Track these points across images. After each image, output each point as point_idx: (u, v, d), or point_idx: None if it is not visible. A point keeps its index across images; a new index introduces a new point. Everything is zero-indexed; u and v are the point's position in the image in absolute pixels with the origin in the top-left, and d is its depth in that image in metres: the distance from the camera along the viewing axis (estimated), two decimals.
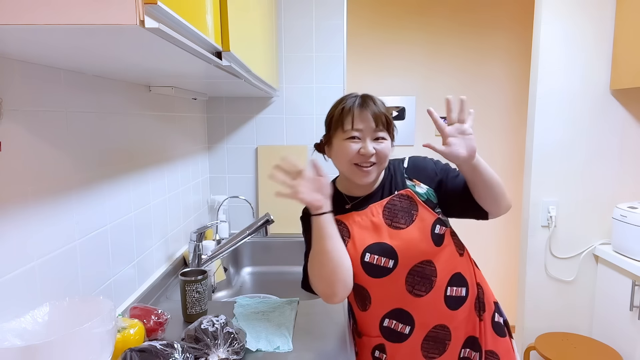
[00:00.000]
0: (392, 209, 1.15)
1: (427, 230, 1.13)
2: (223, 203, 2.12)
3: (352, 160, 1.12)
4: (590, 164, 2.24)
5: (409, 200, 1.16)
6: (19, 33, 0.60)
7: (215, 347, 1.00)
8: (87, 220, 1.12)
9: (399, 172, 1.22)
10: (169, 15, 0.63)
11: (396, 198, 1.16)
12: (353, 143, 1.11)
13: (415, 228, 1.13)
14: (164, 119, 1.65)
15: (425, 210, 1.14)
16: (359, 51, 3.10)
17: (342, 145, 1.13)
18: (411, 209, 1.15)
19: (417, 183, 1.18)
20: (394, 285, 1.14)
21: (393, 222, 1.14)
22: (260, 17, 1.57)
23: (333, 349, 1.12)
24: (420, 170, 1.21)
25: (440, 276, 1.16)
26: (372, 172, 1.13)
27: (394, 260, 1.13)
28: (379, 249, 1.13)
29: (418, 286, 1.14)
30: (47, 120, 0.95)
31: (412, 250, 1.13)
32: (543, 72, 2.20)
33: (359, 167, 1.12)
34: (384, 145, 1.13)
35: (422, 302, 1.15)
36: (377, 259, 1.13)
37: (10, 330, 0.78)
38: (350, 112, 1.12)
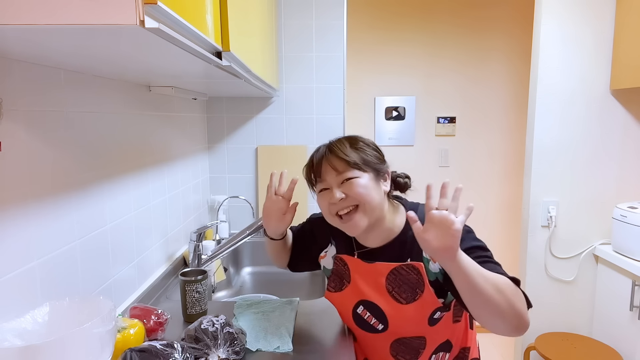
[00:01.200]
0: (398, 278, 1.07)
1: (425, 314, 1.05)
2: (223, 203, 2.12)
3: (330, 212, 1.07)
4: (590, 164, 2.24)
5: (417, 275, 1.05)
6: (19, 33, 0.60)
7: (215, 347, 1.00)
8: (87, 220, 1.12)
9: None
10: (169, 15, 0.63)
11: (405, 268, 1.06)
12: (325, 194, 1.07)
13: (414, 308, 1.05)
14: (164, 119, 1.65)
15: (430, 294, 1.04)
16: (359, 51, 3.10)
17: (319, 200, 1.10)
18: (417, 287, 1.05)
19: (433, 260, 1.04)
20: (379, 343, 1.15)
21: (394, 291, 1.07)
22: (260, 17, 1.57)
23: (333, 349, 1.12)
24: None
25: (428, 348, 1.13)
26: (357, 219, 1.03)
27: (384, 326, 1.10)
28: (372, 309, 1.10)
29: (402, 354, 1.14)
30: (47, 120, 0.95)
31: (405, 326, 1.09)
32: (543, 72, 2.20)
33: (340, 217, 1.05)
34: (354, 185, 1.02)
35: None
36: (368, 316, 1.11)
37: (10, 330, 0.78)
38: (313, 167, 1.09)
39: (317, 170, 1.08)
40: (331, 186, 1.05)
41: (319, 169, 1.07)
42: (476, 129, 3.17)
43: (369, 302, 1.10)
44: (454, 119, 3.15)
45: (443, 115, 3.15)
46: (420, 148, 3.19)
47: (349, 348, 1.13)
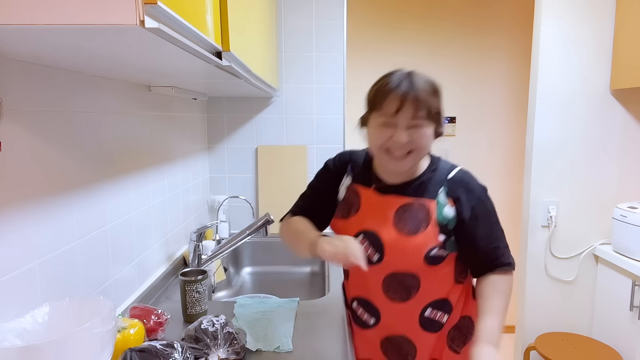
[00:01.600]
0: (406, 212, 1.09)
1: (422, 249, 1.07)
2: (223, 203, 2.12)
3: (382, 146, 1.05)
4: (590, 164, 2.24)
5: (425, 213, 1.08)
6: (19, 33, 0.60)
7: (215, 347, 1.00)
8: (87, 220, 1.12)
9: (439, 180, 1.11)
10: (169, 15, 0.63)
11: (416, 205, 1.09)
12: (385, 129, 1.03)
13: (413, 240, 1.07)
14: (164, 119, 1.65)
15: (433, 230, 1.07)
16: (359, 50, 3.10)
17: (375, 129, 1.05)
18: (421, 222, 1.08)
19: (451, 203, 1.09)
20: (372, 278, 1.14)
21: (399, 223, 1.09)
22: (260, 17, 1.57)
23: (333, 349, 1.12)
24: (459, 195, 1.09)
25: (422, 293, 1.12)
26: (407, 162, 1.05)
27: (379, 256, 1.10)
28: (372, 239, 1.11)
29: (393, 290, 1.13)
30: (47, 120, 0.95)
31: (399, 258, 1.09)
32: (543, 72, 2.20)
33: (390, 154, 1.04)
34: (420, 133, 1.02)
35: (394, 307, 1.14)
36: (365, 245, 1.11)
37: (10, 330, 0.78)
38: (386, 94, 1.02)
39: (391, 100, 1.01)
40: (398, 126, 1.01)
41: (394, 100, 1.00)
42: (476, 128, 3.17)
43: (370, 232, 1.11)
44: (454, 119, 3.15)
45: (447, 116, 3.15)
46: None
47: (348, 348, 1.13)
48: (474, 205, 1.09)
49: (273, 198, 2.21)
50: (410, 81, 1.02)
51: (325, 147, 2.21)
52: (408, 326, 1.16)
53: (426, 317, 1.15)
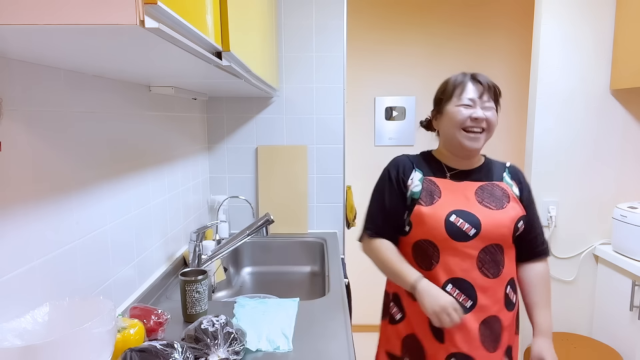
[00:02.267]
0: (485, 192, 1.25)
1: (512, 219, 1.22)
2: (223, 203, 2.12)
3: (463, 123, 1.22)
4: (590, 164, 2.24)
5: (502, 191, 1.26)
6: (19, 33, 0.60)
7: (215, 347, 1.00)
8: (87, 220, 1.12)
9: (499, 167, 1.33)
10: (169, 15, 0.63)
11: (490, 186, 1.27)
12: (465, 109, 1.23)
13: (503, 213, 1.22)
14: (164, 119, 1.65)
15: (516, 203, 1.25)
16: (359, 51, 3.10)
17: (454, 111, 1.24)
18: (503, 198, 1.25)
19: (515, 184, 1.30)
20: (467, 254, 1.21)
21: (484, 201, 1.24)
22: (260, 17, 1.57)
23: (333, 349, 1.12)
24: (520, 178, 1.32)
25: (505, 270, 1.24)
26: (481, 139, 1.23)
27: (476, 230, 1.20)
28: (465, 216, 1.21)
29: (487, 266, 1.22)
30: (47, 120, 0.95)
31: (495, 229, 1.21)
32: (543, 72, 2.20)
33: (469, 132, 1.22)
34: (491, 113, 1.23)
35: (488, 284, 1.22)
36: (461, 222, 1.21)
37: (10, 330, 0.78)
38: (463, 83, 1.24)
39: (469, 87, 1.23)
40: (476, 105, 1.23)
41: (472, 87, 1.23)
42: None
43: (462, 210, 1.22)
44: None
45: None
46: (420, 148, 3.15)
47: (349, 348, 1.13)
48: (529, 190, 1.31)
49: (273, 198, 2.21)
50: (481, 75, 1.27)
51: (325, 147, 2.21)
52: (497, 305, 1.23)
53: (507, 294, 1.26)
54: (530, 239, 1.30)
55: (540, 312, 1.25)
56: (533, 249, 1.30)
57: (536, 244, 1.30)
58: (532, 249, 1.30)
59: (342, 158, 2.22)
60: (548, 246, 1.33)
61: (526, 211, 1.27)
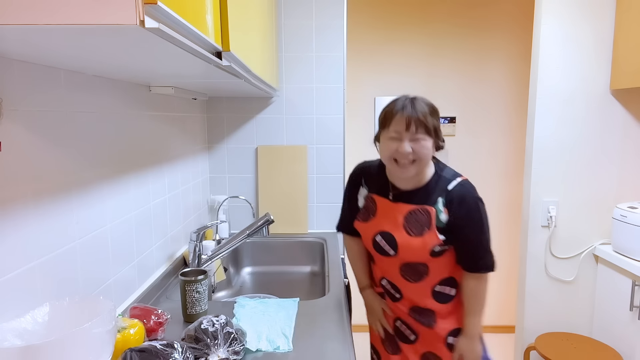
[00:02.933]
0: (412, 217, 1.34)
1: (427, 247, 1.32)
2: (223, 203, 2.12)
3: (391, 156, 1.29)
4: (590, 164, 2.24)
5: (427, 217, 1.32)
6: (19, 33, 0.60)
7: (215, 347, 1.00)
8: (87, 220, 1.12)
9: (440, 189, 1.34)
10: (169, 15, 0.63)
11: (420, 210, 1.33)
12: (392, 142, 1.28)
13: (419, 240, 1.32)
14: (164, 119, 1.65)
15: (433, 233, 1.31)
16: (359, 51, 3.10)
17: (384, 143, 1.31)
18: (425, 225, 1.32)
19: (445, 212, 1.31)
20: (391, 266, 1.41)
21: (408, 226, 1.34)
22: (260, 17, 1.57)
23: (333, 349, 1.12)
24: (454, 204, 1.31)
25: (431, 275, 1.38)
26: (410, 169, 1.28)
27: (394, 252, 1.36)
28: (387, 238, 1.37)
29: (409, 274, 1.40)
30: (47, 120, 0.95)
31: (410, 253, 1.35)
32: (543, 72, 2.20)
33: (397, 163, 1.29)
34: (420, 145, 1.26)
35: (411, 285, 1.41)
36: (383, 243, 1.38)
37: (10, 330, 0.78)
38: (393, 116, 1.27)
39: (397, 120, 1.26)
40: (403, 139, 1.26)
41: (399, 120, 1.26)
42: (476, 128, 3.17)
43: (386, 233, 1.37)
44: (454, 119, 3.15)
45: (443, 115, 3.15)
46: None
47: (349, 348, 1.13)
48: (461, 217, 1.31)
49: (273, 198, 2.21)
50: (412, 104, 1.26)
51: (325, 147, 2.21)
52: (425, 300, 1.41)
53: (437, 292, 1.40)
54: (462, 256, 1.36)
55: (466, 319, 1.39)
56: (465, 264, 1.37)
57: (467, 261, 1.36)
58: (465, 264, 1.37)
59: (342, 158, 2.22)
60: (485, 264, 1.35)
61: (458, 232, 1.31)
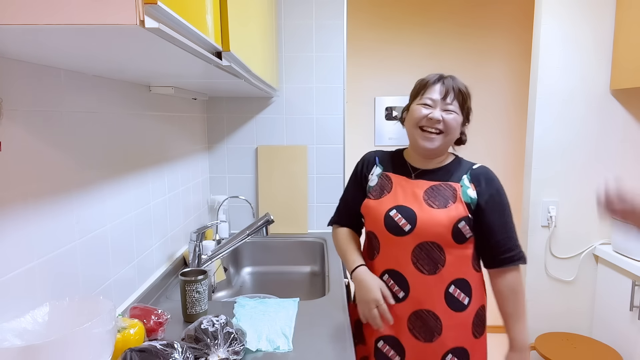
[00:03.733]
0: (434, 191, 1.25)
1: (451, 220, 1.20)
2: (223, 203, 2.12)
3: (419, 122, 1.24)
4: (590, 164, 2.24)
5: (452, 192, 1.24)
6: (19, 33, 0.60)
7: (215, 347, 1.00)
8: (87, 220, 1.12)
9: (464, 168, 1.29)
10: (169, 15, 0.63)
11: (443, 186, 1.26)
12: (424, 108, 1.24)
13: (443, 212, 1.21)
14: (164, 119, 1.65)
15: (461, 205, 1.22)
16: (359, 51, 3.10)
17: (414, 108, 1.26)
18: (449, 198, 1.23)
19: (473, 187, 1.25)
20: (403, 248, 1.24)
21: (429, 199, 1.24)
22: (260, 17, 1.57)
23: (333, 349, 1.12)
24: (481, 181, 1.25)
25: (447, 269, 1.22)
26: (436, 140, 1.23)
27: (411, 226, 1.22)
28: (404, 211, 1.24)
29: (422, 262, 1.23)
30: (47, 120, 0.95)
31: (430, 226, 1.21)
32: (543, 72, 2.20)
33: (425, 131, 1.23)
34: (452, 117, 1.23)
35: (422, 279, 1.23)
36: (398, 218, 1.24)
37: (10, 330, 0.78)
38: (429, 84, 1.26)
39: (434, 88, 1.24)
40: (436, 106, 1.23)
41: (437, 88, 1.24)
42: (476, 128, 3.17)
43: (403, 206, 1.25)
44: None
45: None
46: None
47: (349, 348, 1.13)
48: (492, 194, 1.24)
49: (273, 198, 2.21)
50: (451, 78, 1.27)
51: (325, 147, 2.21)
52: (435, 300, 1.23)
53: (450, 294, 1.23)
54: (491, 245, 1.23)
55: (513, 326, 1.24)
56: (496, 255, 1.23)
57: (499, 251, 1.23)
58: (496, 256, 1.23)
59: (342, 158, 2.22)
60: (519, 254, 1.23)
61: (485, 215, 1.22)
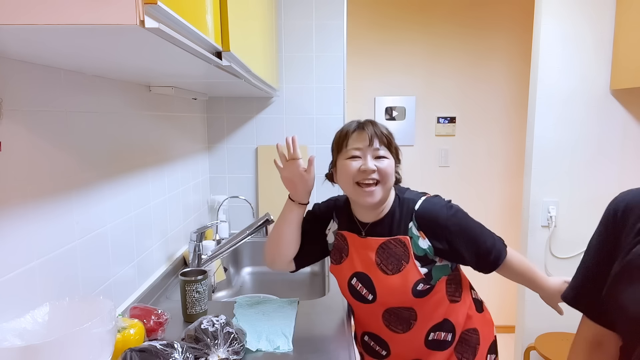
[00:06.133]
0: (386, 251, 1.16)
1: (408, 285, 1.13)
2: (223, 203, 2.12)
3: (354, 178, 1.13)
4: (590, 163, 2.24)
5: (403, 248, 1.14)
6: (19, 33, 0.60)
7: (215, 347, 1.00)
8: (87, 220, 1.12)
9: (407, 213, 1.17)
10: (169, 15, 0.63)
11: (392, 242, 1.16)
12: (354, 161, 1.14)
13: (398, 278, 1.13)
14: (164, 119, 1.65)
15: (413, 265, 1.13)
16: (359, 51, 3.10)
17: (344, 164, 1.15)
18: (402, 258, 1.14)
19: (422, 236, 1.14)
20: (373, 315, 1.22)
21: (382, 264, 1.16)
22: (260, 17, 1.57)
23: (333, 349, 1.12)
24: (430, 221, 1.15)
25: (421, 321, 1.19)
26: (376, 192, 1.13)
27: (373, 296, 1.18)
28: (363, 280, 1.19)
29: (395, 324, 1.20)
30: (47, 120, 0.95)
31: (390, 296, 1.16)
32: (543, 72, 2.20)
33: (361, 186, 1.13)
34: (385, 163, 1.13)
35: (398, 338, 1.21)
36: (359, 287, 1.20)
37: (10, 330, 0.78)
38: (349, 134, 1.16)
39: (356, 137, 1.15)
40: (365, 156, 1.13)
41: (359, 136, 1.14)
42: (476, 128, 3.17)
43: (361, 273, 1.19)
44: (454, 119, 3.15)
45: (443, 115, 3.15)
46: (420, 148, 3.19)
47: (349, 348, 1.13)
48: (447, 238, 1.14)
49: (273, 198, 2.21)
50: (371, 123, 1.17)
51: (325, 147, 2.20)
52: (417, 351, 1.22)
53: (431, 340, 1.21)
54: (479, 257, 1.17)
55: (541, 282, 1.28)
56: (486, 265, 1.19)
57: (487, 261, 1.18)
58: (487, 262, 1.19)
59: None
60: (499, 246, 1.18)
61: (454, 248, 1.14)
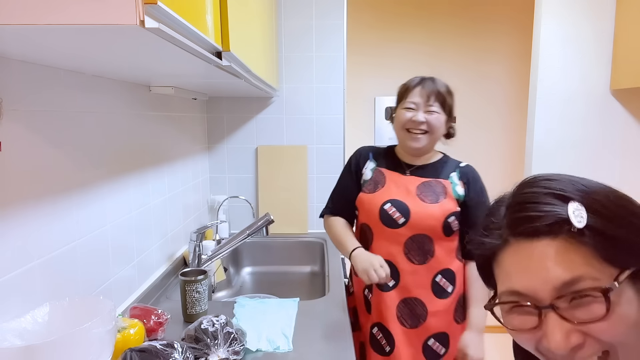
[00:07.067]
0: (426, 187, 1.36)
1: (443, 214, 1.32)
2: (223, 203, 2.12)
3: (405, 125, 1.35)
4: (591, 164, 2.24)
5: (442, 188, 1.36)
6: (19, 33, 0.60)
7: (215, 347, 1.00)
8: (87, 220, 1.12)
9: (451, 166, 1.41)
10: (169, 15, 0.63)
11: (434, 182, 1.37)
12: (407, 112, 1.35)
13: (436, 207, 1.33)
14: (164, 119, 1.65)
15: (451, 201, 1.34)
16: (359, 51, 3.10)
17: (400, 113, 1.38)
18: (440, 194, 1.35)
19: (461, 184, 1.37)
20: (396, 240, 1.35)
21: (422, 194, 1.35)
22: (260, 17, 1.57)
23: (333, 349, 1.12)
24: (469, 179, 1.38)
25: (435, 259, 1.35)
26: (422, 140, 1.34)
27: (405, 219, 1.33)
28: (398, 205, 1.35)
29: (413, 253, 1.35)
30: (47, 120, 0.95)
31: (423, 220, 1.32)
32: (543, 72, 2.20)
33: (410, 133, 1.34)
34: (434, 117, 1.34)
35: (412, 268, 1.35)
36: (392, 211, 1.35)
37: (10, 330, 0.78)
38: (410, 89, 1.37)
39: (415, 92, 1.36)
40: (418, 108, 1.34)
41: (417, 92, 1.35)
42: (476, 128, 3.17)
43: (397, 200, 1.35)
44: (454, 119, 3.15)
45: None
46: None
47: (349, 348, 1.13)
48: (477, 192, 1.37)
49: (273, 198, 2.21)
50: (432, 80, 1.39)
51: (325, 147, 2.21)
52: (422, 289, 1.36)
53: (437, 283, 1.36)
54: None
55: (471, 309, 1.36)
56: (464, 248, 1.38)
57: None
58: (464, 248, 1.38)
59: (342, 158, 2.22)
60: None
61: (470, 211, 1.35)
